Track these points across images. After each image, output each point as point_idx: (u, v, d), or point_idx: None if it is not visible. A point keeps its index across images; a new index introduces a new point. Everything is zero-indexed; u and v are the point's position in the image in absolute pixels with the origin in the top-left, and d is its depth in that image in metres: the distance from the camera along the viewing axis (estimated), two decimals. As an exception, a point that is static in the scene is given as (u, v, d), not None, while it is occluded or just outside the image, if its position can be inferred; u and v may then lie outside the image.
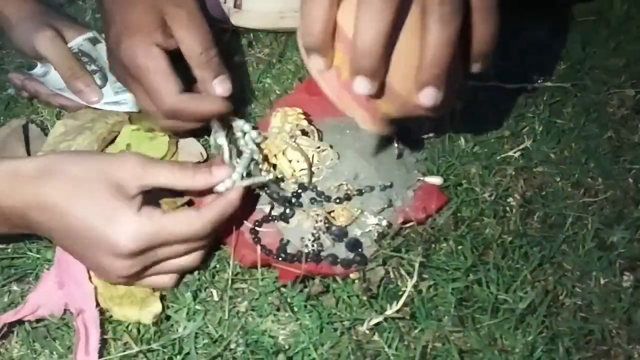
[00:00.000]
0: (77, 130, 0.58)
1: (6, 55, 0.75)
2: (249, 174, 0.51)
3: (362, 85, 0.43)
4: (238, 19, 0.68)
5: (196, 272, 0.51)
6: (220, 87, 0.54)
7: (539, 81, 0.64)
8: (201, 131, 0.58)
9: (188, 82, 0.55)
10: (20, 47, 0.65)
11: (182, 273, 0.51)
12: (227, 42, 0.70)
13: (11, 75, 0.67)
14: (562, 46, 0.69)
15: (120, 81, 0.58)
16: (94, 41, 0.64)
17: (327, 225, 0.53)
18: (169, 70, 0.52)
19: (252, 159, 0.52)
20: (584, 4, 0.73)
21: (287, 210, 0.53)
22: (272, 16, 0.67)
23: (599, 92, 0.64)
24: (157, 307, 0.49)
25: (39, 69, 0.64)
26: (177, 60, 0.54)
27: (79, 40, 0.63)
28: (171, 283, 0.49)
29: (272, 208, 0.54)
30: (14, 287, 0.52)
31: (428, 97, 0.42)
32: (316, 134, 0.57)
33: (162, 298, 0.49)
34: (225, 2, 0.68)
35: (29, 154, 0.58)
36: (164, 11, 0.53)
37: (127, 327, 0.48)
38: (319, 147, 0.56)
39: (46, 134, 0.61)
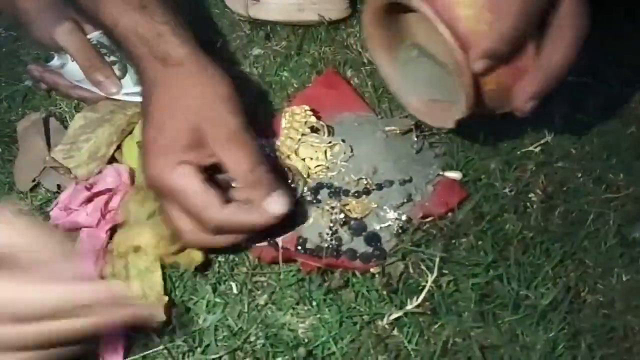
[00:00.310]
0: (96, 122, 0.58)
1: (23, 47, 0.75)
2: None
3: (482, 63, 0.45)
4: (256, 12, 0.68)
5: (216, 265, 0.51)
6: (274, 206, 0.47)
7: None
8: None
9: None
10: (39, 39, 0.65)
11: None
12: (245, 34, 0.70)
13: (30, 67, 0.67)
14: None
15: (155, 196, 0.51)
16: None
17: (344, 219, 0.53)
18: (205, 186, 0.46)
19: None
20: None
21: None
22: (290, 9, 0.67)
23: (620, 87, 0.63)
24: (198, 255, 0.50)
25: (56, 61, 0.64)
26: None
27: (97, 32, 0.63)
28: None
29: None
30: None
31: (531, 107, 0.48)
32: (326, 129, 0.57)
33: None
34: (243, -5, 0.68)
35: (49, 147, 0.58)
36: (201, 130, 0.47)
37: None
38: (330, 143, 0.56)
39: (65, 126, 0.61)
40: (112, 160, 0.57)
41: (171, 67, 0.49)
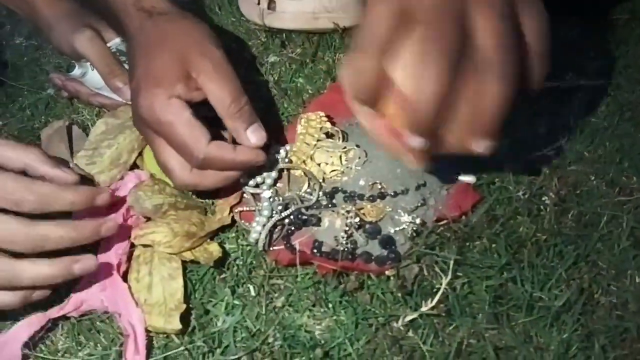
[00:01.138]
0: (117, 128, 0.60)
1: (44, 55, 0.77)
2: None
3: (418, 141, 0.42)
4: (272, 20, 0.69)
5: (234, 268, 0.53)
6: (254, 136, 0.52)
7: (573, 80, 0.64)
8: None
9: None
10: (59, 47, 0.67)
11: None
12: (261, 42, 0.71)
13: (52, 76, 0.69)
14: (596, 45, 0.68)
15: (142, 135, 0.55)
16: None
17: (359, 223, 0.54)
18: (194, 120, 0.50)
19: (271, 198, 0.55)
20: (618, 3, 0.73)
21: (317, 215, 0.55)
22: (305, 17, 0.68)
23: (633, 91, 0.64)
24: (216, 249, 0.52)
25: (77, 70, 0.66)
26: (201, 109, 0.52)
27: (117, 40, 0.65)
28: None
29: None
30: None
31: (484, 147, 0.43)
32: (340, 135, 0.58)
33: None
34: (259, 4, 0.69)
35: (71, 153, 0.60)
36: (188, 62, 0.51)
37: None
38: (344, 148, 0.57)
39: (87, 133, 0.63)
40: (134, 166, 0.59)
41: (157, 16, 0.53)
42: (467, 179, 0.56)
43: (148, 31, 0.53)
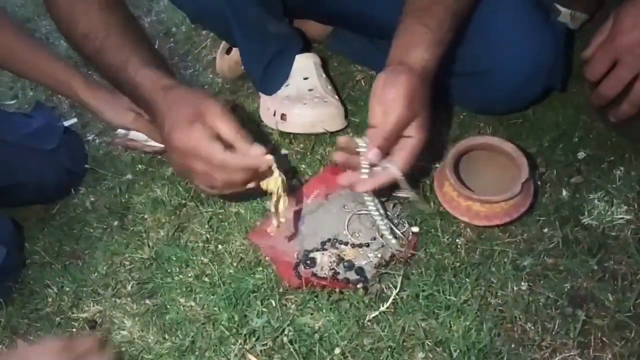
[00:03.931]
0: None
1: (115, 149, 1.11)
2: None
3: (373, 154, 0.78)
4: (283, 127, 1.02)
5: (261, 290, 0.82)
6: (255, 150, 0.77)
7: None
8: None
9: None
10: (111, 124, 1.01)
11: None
12: (274, 139, 1.04)
13: (115, 141, 1.04)
14: None
15: (178, 170, 0.83)
16: None
17: (338, 261, 0.83)
18: (211, 138, 0.76)
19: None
20: None
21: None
22: (306, 125, 1.00)
23: None
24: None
25: (121, 131, 1.00)
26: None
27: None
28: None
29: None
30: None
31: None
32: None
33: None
34: (274, 116, 1.02)
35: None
36: (201, 108, 0.77)
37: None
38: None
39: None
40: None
41: (175, 87, 0.80)
42: (413, 229, 0.86)
43: (170, 96, 0.79)
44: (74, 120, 1.21)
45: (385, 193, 0.87)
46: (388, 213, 0.87)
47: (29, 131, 1.05)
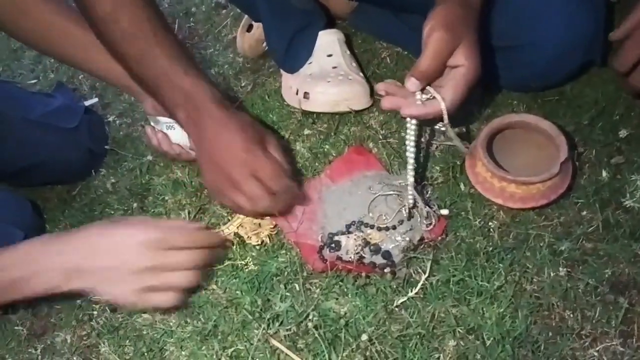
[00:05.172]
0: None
1: (135, 130, 1.08)
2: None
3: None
4: (307, 105, 0.98)
5: (285, 273, 0.79)
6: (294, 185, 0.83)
7: None
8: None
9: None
10: (151, 111, 0.95)
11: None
12: (298, 120, 1.00)
13: (146, 128, 0.98)
14: None
15: (213, 184, 0.82)
16: None
17: (366, 243, 0.80)
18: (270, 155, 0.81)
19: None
20: None
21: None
22: (330, 103, 0.97)
23: None
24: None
25: (161, 120, 0.95)
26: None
27: None
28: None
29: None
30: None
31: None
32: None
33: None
34: (297, 94, 0.99)
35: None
36: (264, 136, 0.82)
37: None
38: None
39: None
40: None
41: (228, 107, 0.81)
42: (442, 212, 0.83)
43: (234, 116, 0.80)
44: (95, 100, 1.19)
45: (429, 123, 0.85)
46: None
47: (50, 109, 1.03)
